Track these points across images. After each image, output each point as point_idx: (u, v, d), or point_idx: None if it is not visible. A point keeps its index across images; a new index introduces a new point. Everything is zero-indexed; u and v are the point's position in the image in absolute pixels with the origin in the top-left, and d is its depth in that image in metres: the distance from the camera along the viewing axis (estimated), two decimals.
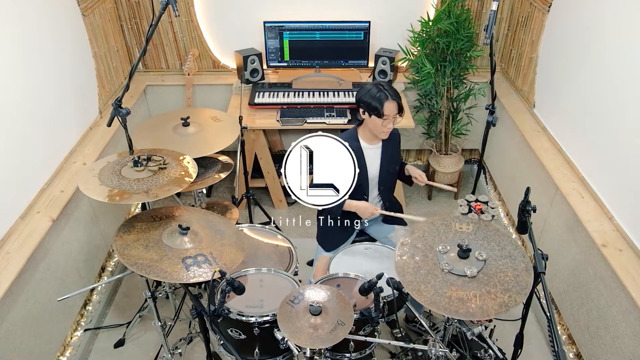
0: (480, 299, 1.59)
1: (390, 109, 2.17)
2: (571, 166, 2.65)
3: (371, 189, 2.39)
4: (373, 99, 2.17)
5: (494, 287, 1.62)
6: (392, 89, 2.20)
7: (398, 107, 2.19)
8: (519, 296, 1.60)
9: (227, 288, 1.70)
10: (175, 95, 3.57)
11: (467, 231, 1.84)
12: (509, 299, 1.58)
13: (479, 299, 1.59)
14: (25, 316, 2.16)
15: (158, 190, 1.88)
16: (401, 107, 2.21)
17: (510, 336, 1.98)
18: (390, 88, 2.20)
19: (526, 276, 1.65)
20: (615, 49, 2.27)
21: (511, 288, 1.62)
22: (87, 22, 2.89)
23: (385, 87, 2.19)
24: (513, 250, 1.75)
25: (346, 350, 1.99)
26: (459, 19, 3.05)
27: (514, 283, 1.63)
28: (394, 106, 2.17)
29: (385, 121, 2.19)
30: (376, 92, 2.17)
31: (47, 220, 2.30)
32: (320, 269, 2.34)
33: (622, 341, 2.08)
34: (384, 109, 2.15)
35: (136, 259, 1.72)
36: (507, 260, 1.71)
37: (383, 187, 2.40)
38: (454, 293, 1.60)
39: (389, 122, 2.20)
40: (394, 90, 2.20)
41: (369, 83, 2.26)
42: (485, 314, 1.55)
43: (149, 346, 2.60)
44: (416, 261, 1.72)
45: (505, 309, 1.56)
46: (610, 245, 2.18)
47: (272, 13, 3.34)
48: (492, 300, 1.58)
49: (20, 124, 2.29)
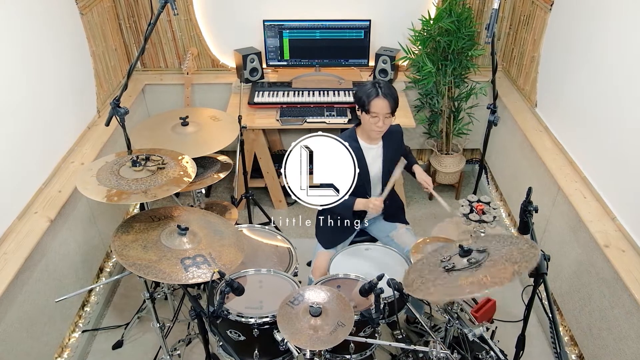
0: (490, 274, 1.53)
1: (379, 106, 2.11)
2: (573, 166, 2.64)
3: (373, 188, 2.37)
4: (363, 94, 2.14)
5: (502, 265, 1.57)
6: (388, 88, 2.14)
7: (390, 107, 2.13)
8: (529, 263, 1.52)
9: (227, 289, 1.68)
10: (174, 95, 3.55)
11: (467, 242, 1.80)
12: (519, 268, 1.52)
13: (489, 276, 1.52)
14: (23, 317, 2.14)
15: (157, 191, 1.86)
16: (393, 107, 2.14)
17: (512, 338, 1.98)
18: (386, 86, 2.15)
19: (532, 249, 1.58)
20: (618, 47, 2.26)
21: (519, 260, 1.55)
22: (85, 21, 2.88)
23: (381, 84, 2.14)
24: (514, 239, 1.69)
25: (346, 352, 1.98)
26: (460, 17, 3.04)
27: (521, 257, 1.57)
28: (384, 104, 2.11)
29: (373, 118, 2.15)
30: (368, 88, 2.14)
31: (44, 221, 2.28)
32: (318, 265, 2.32)
33: (624, 343, 2.06)
34: (372, 105, 2.11)
35: (134, 259, 1.71)
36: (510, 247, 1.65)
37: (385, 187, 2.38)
38: (465, 281, 1.55)
39: (378, 121, 2.15)
40: (390, 89, 2.14)
41: (369, 81, 2.23)
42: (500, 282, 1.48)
43: (148, 347, 2.59)
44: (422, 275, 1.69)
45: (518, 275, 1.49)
46: (612, 246, 2.17)
47: (271, 11, 3.33)
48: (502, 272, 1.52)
49: (17, 124, 2.27)
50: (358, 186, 2.24)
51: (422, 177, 2.35)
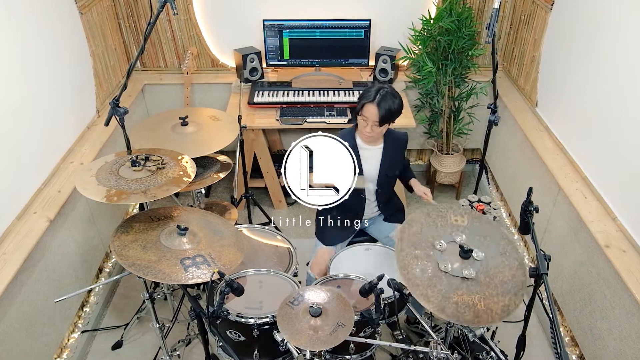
0: (485, 304, 1.57)
1: (369, 111, 2.12)
2: (574, 166, 2.63)
3: (367, 189, 2.37)
4: (364, 95, 2.15)
5: (494, 288, 1.62)
6: (386, 98, 2.11)
7: (379, 116, 2.11)
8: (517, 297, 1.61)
9: (226, 289, 1.68)
10: (173, 94, 3.55)
11: (463, 225, 1.82)
12: (509, 302, 1.59)
13: (483, 304, 1.57)
14: (22, 318, 2.13)
15: (156, 191, 1.86)
16: (383, 117, 2.12)
17: (512, 338, 1.97)
18: (386, 96, 2.11)
19: (521, 275, 1.67)
20: (620, 46, 2.25)
21: (510, 290, 1.62)
22: (84, 20, 2.87)
23: (383, 92, 2.12)
24: (506, 246, 1.76)
25: (346, 352, 1.97)
26: (461, 17, 3.04)
27: (512, 284, 1.64)
28: (374, 111, 2.11)
29: (362, 121, 2.16)
30: (369, 91, 2.14)
31: (44, 221, 2.27)
32: (318, 261, 2.32)
33: (625, 343, 2.06)
34: (364, 108, 2.13)
35: (134, 259, 1.71)
36: (502, 259, 1.71)
37: (380, 190, 2.39)
38: (459, 298, 1.58)
39: (366, 125, 2.16)
40: (387, 101, 2.10)
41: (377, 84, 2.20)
42: (491, 320, 1.55)
43: (147, 348, 2.58)
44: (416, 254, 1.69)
45: (507, 314, 1.57)
46: (613, 246, 2.16)
47: (271, 11, 3.32)
48: (495, 304, 1.58)
49: (16, 123, 2.27)
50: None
51: (421, 189, 2.36)
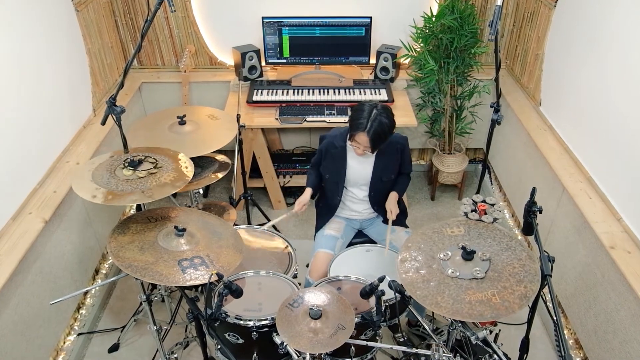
0: (500, 296, 1.57)
1: (361, 138, 2.13)
2: (578, 166, 2.61)
3: (350, 189, 2.39)
4: (354, 120, 2.12)
5: (507, 281, 1.63)
6: (378, 126, 2.07)
7: (371, 143, 2.11)
8: (533, 284, 1.63)
9: (225, 291, 1.67)
10: (171, 93, 3.52)
11: (460, 234, 1.83)
12: (525, 289, 1.60)
13: (498, 297, 1.57)
14: (17, 320, 2.11)
15: (153, 191, 1.85)
16: (375, 146, 2.13)
17: (515, 341, 1.96)
18: (377, 125, 2.07)
19: (531, 263, 1.70)
20: (624, 45, 2.23)
21: (523, 278, 1.64)
22: (80, 18, 2.85)
23: (371, 117, 2.07)
24: (509, 242, 1.78)
25: (347, 355, 1.95)
26: (463, 14, 3.01)
27: (524, 273, 1.66)
28: (365, 139, 2.11)
29: (355, 145, 2.18)
30: (361, 118, 2.10)
31: (39, 222, 2.25)
32: (316, 266, 2.30)
33: (630, 346, 2.04)
34: (356, 135, 2.13)
35: (131, 261, 1.70)
36: (509, 253, 1.73)
37: (373, 193, 2.38)
38: (472, 297, 1.58)
39: (358, 148, 2.18)
40: (378, 129, 2.07)
41: (371, 102, 2.16)
42: (511, 309, 1.54)
43: (144, 351, 2.56)
44: (423, 274, 1.70)
45: (526, 300, 1.58)
46: (618, 247, 2.14)
47: (270, 8, 3.30)
48: (511, 294, 1.59)
49: (11, 122, 2.24)
50: (332, 183, 2.33)
51: (390, 205, 2.33)
